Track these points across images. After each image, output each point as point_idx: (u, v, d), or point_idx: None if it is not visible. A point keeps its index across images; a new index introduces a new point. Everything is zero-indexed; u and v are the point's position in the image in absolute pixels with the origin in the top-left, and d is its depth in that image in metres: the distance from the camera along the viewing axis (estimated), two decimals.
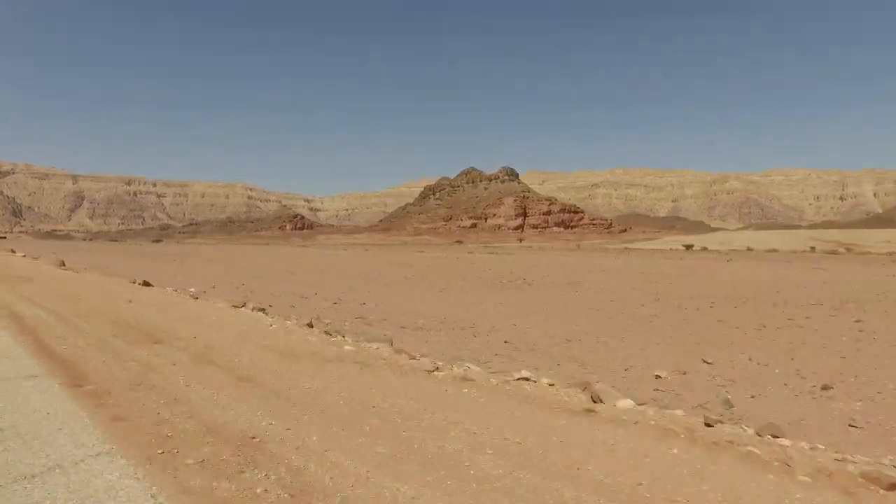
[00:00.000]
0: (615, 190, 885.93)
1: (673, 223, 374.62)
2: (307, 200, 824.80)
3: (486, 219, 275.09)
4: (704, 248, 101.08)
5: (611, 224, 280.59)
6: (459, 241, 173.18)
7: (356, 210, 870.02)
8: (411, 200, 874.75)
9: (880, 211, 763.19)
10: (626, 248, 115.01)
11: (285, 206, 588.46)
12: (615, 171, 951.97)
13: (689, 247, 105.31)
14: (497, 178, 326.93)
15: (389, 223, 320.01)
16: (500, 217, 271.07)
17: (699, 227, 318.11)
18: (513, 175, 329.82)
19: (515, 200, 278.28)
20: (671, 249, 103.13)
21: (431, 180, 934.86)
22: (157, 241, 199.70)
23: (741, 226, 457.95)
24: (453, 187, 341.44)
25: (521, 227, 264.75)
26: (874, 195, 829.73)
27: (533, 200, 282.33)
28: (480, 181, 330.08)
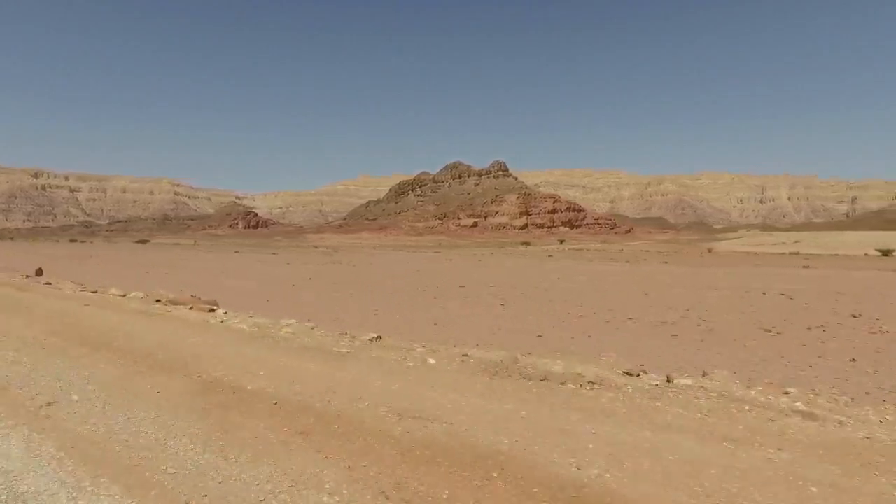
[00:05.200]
0: (555, 190, 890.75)
1: (661, 224, 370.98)
2: (238, 198, 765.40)
3: (485, 217, 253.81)
4: None
5: (615, 224, 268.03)
6: (526, 243, 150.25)
7: (291, 208, 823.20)
8: (350, 199, 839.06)
9: (794, 213, 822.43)
10: (796, 254, 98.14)
11: (236, 201, 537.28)
12: (554, 171, 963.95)
13: (887, 252, 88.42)
14: (488, 173, 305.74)
15: (376, 221, 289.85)
16: (503, 215, 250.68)
17: (702, 228, 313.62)
18: (505, 170, 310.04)
19: (518, 198, 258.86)
20: (866, 255, 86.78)
21: (374, 179, 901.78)
22: (143, 241, 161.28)
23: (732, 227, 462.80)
24: (437, 183, 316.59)
25: (525, 226, 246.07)
26: (788, 199, 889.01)
27: (535, 198, 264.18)
28: (469, 176, 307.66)
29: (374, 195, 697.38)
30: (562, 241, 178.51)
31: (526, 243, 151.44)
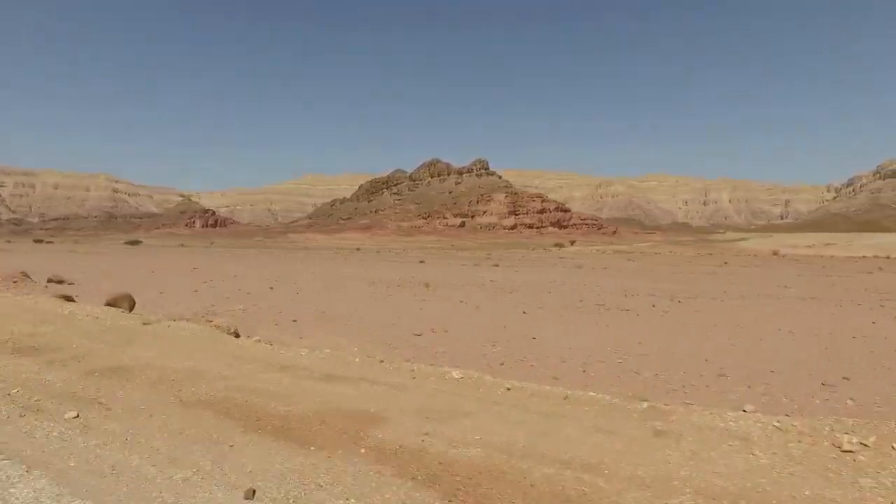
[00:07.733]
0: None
1: (636, 224, 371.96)
2: (182, 195, 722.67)
3: (472, 216, 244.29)
4: None
5: (601, 224, 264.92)
6: (560, 245, 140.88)
7: (238, 207, 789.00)
8: (301, 198, 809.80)
9: (735, 215, 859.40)
10: (886, 258, 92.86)
11: (188, 199, 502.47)
12: (509, 171, 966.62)
13: None
14: (470, 171, 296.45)
15: (351, 221, 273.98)
16: (492, 215, 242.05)
17: (686, 229, 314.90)
18: (487, 168, 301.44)
19: (507, 197, 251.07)
20: None
21: (326, 177, 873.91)
22: (134, 242, 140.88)
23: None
24: (414, 181, 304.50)
25: (515, 226, 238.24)
26: (729, 202, 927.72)
27: (523, 197, 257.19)
28: (449, 174, 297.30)
29: (328, 194, 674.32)
30: (572, 243, 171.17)
31: (559, 244, 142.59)
